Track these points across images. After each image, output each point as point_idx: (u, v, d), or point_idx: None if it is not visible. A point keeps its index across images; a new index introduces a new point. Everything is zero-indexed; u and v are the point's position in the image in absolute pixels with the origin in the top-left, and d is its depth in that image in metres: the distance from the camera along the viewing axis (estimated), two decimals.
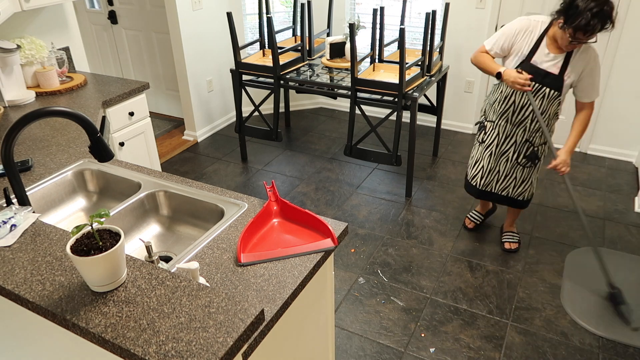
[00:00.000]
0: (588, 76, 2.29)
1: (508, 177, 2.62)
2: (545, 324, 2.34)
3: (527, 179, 2.61)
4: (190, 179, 1.74)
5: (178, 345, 0.99)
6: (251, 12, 4.36)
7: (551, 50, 2.27)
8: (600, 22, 2.02)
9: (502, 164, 2.59)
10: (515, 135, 2.51)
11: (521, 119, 2.44)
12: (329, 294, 1.57)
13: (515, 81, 2.28)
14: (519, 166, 2.58)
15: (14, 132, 1.36)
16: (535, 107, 2.34)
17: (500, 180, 2.64)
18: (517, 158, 2.56)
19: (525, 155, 2.54)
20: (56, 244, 1.31)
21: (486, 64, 2.41)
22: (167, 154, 4.02)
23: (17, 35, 2.61)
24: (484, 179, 2.67)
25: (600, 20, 2.02)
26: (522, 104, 2.40)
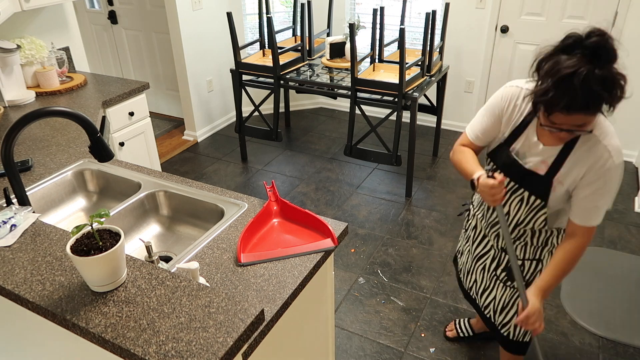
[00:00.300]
0: (589, 187, 1.42)
1: (487, 293, 1.80)
2: (545, 324, 2.34)
3: (511, 306, 1.72)
4: (190, 179, 1.74)
5: (178, 345, 0.99)
6: (251, 12, 4.36)
7: (542, 138, 1.46)
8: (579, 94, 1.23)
9: (478, 272, 1.82)
10: (490, 238, 1.73)
11: (490, 229, 1.71)
12: (329, 294, 1.57)
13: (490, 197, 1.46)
14: (499, 281, 1.74)
15: (14, 132, 1.36)
16: (502, 217, 1.54)
17: (480, 293, 1.84)
18: (496, 269, 1.73)
19: (505, 268, 1.71)
20: (56, 244, 1.31)
21: (462, 164, 1.61)
22: (167, 154, 4.02)
23: (17, 35, 2.61)
24: (466, 280, 1.93)
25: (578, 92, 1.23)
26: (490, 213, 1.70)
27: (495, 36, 3.86)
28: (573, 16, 3.56)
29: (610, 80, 1.25)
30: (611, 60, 1.25)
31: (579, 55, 1.24)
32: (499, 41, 3.87)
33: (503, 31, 3.81)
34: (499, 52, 3.91)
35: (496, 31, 3.84)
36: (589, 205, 1.43)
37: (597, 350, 2.20)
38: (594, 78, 1.22)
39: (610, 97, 1.28)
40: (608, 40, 1.24)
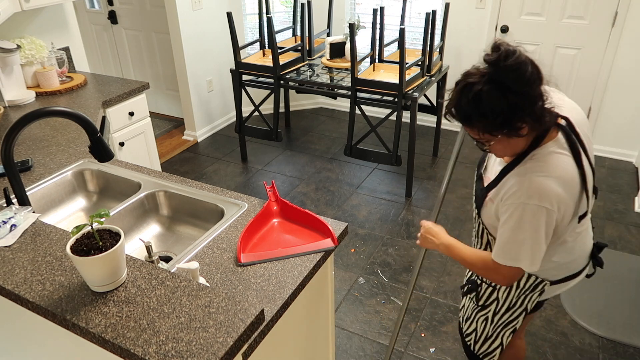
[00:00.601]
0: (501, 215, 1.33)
1: (462, 303, 1.81)
2: (545, 324, 2.34)
3: (472, 319, 1.68)
4: (190, 179, 1.74)
5: (178, 345, 0.99)
6: (251, 12, 4.36)
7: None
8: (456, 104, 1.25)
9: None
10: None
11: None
12: (329, 294, 1.57)
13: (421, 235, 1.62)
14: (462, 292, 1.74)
15: (14, 132, 1.36)
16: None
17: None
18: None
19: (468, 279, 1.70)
20: (56, 244, 1.31)
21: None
22: (167, 154, 4.02)
23: (17, 35, 2.61)
24: None
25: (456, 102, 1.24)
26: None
27: (495, 36, 3.86)
28: (573, 16, 3.56)
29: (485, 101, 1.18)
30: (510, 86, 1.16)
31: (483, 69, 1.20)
32: None
33: (503, 31, 3.80)
34: None
35: (496, 31, 3.84)
36: (499, 237, 1.34)
37: (597, 350, 2.20)
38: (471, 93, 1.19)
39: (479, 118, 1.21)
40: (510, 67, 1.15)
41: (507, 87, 1.16)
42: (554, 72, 4.01)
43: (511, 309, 1.56)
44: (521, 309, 1.55)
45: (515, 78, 1.15)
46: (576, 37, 3.61)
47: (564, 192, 1.24)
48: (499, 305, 1.57)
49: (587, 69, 3.67)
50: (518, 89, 1.16)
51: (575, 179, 1.27)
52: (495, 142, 1.27)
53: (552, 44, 3.70)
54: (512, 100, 1.16)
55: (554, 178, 1.23)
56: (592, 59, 3.63)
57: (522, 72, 1.15)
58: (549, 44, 3.72)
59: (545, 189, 1.23)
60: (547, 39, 3.70)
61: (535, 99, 1.18)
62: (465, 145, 4.08)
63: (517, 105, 1.17)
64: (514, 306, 1.55)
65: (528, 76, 1.16)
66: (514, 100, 1.16)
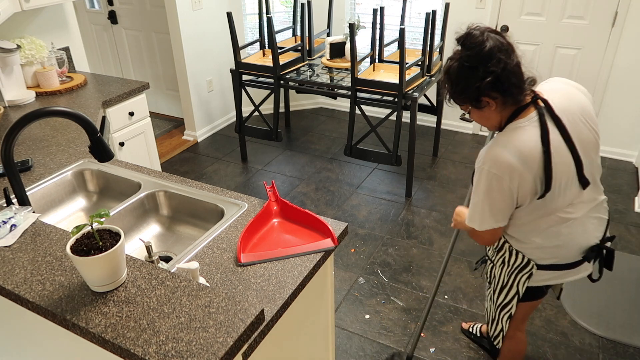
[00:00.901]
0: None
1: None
2: (545, 324, 2.34)
3: (497, 321, 1.76)
4: (190, 179, 1.74)
5: (178, 345, 0.99)
6: (251, 12, 4.36)
7: None
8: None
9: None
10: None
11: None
12: (329, 294, 1.57)
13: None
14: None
15: (14, 132, 1.36)
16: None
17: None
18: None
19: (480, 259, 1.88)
20: (56, 244, 1.31)
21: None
22: (167, 154, 4.02)
23: (17, 35, 2.61)
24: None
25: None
26: None
27: None
28: (573, 16, 3.56)
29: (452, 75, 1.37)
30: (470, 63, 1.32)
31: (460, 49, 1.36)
32: None
33: (503, 31, 3.80)
34: None
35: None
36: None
37: (597, 350, 2.20)
38: (445, 68, 1.39)
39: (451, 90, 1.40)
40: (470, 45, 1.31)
41: (469, 64, 1.32)
42: (554, 72, 4.02)
43: (504, 289, 1.64)
44: (513, 292, 1.61)
45: (474, 55, 1.30)
46: (576, 37, 3.61)
47: (519, 163, 1.33)
48: (496, 283, 1.68)
49: (587, 69, 3.67)
50: (476, 65, 1.30)
51: (534, 154, 1.34)
52: (472, 113, 1.43)
53: (552, 44, 3.70)
54: (472, 74, 1.32)
55: (509, 149, 1.34)
56: (592, 59, 3.63)
57: (479, 50, 1.29)
58: (549, 44, 3.72)
59: (498, 158, 1.35)
60: (547, 39, 3.70)
61: (497, 75, 1.30)
62: (464, 145, 4.09)
63: (477, 79, 1.31)
64: (506, 285, 1.63)
65: (485, 53, 1.29)
66: (474, 74, 1.31)
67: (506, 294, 1.65)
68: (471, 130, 4.28)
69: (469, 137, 4.22)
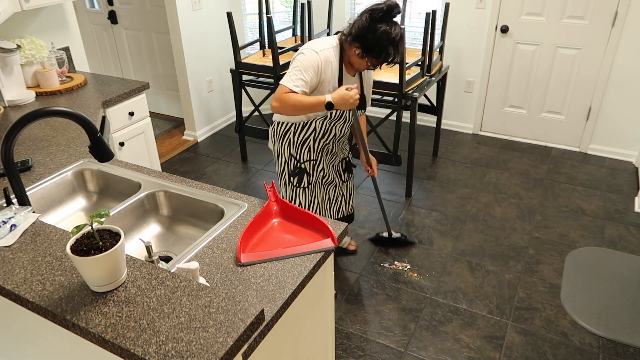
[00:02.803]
0: (369, 88, 2.32)
1: (338, 198, 2.54)
2: (545, 324, 2.34)
3: (352, 189, 2.60)
4: (190, 179, 1.74)
5: (178, 345, 0.99)
6: (251, 12, 4.36)
7: (350, 73, 2.17)
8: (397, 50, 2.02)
9: (330, 191, 2.49)
10: (335, 160, 2.43)
11: (340, 145, 2.41)
12: (329, 294, 1.57)
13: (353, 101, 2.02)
14: (344, 183, 2.53)
15: (14, 132, 1.36)
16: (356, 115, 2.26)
17: (333, 205, 2.54)
18: (341, 178, 2.50)
19: (344, 170, 2.50)
20: (56, 244, 1.31)
21: (306, 100, 2.02)
22: (167, 154, 4.02)
23: (17, 35, 2.61)
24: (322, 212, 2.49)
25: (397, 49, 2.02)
26: (342, 133, 2.32)
27: (495, 36, 3.86)
28: (573, 16, 3.56)
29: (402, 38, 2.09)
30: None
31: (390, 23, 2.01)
32: (499, 41, 3.87)
33: (503, 31, 3.81)
34: (499, 52, 3.91)
35: (496, 31, 3.84)
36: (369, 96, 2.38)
37: (597, 350, 2.20)
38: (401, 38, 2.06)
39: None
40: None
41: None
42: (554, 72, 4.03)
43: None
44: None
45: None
46: (576, 37, 3.61)
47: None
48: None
49: (587, 69, 3.67)
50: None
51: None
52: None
53: (552, 44, 3.70)
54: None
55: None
56: (592, 59, 3.63)
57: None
58: (549, 44, 3.72)
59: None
60: (547, 39, 3.70)
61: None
62: (465, 145, 4.09)
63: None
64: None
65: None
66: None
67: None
68: (471, 130, 4.29)
69: (469, 137, 4.22)
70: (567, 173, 3.64)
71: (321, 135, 2.26)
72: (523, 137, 4.14)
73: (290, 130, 2.25)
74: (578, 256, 2.76)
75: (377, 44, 1.99)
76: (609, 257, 2.75)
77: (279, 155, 2.34)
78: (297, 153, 2.30)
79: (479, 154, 3.93)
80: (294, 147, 2.28)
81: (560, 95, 3.84)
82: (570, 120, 3.90)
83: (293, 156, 2.31)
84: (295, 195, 2.40)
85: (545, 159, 3.85)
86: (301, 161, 2.32)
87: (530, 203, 3.28)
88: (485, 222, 3.09)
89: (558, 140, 4.02)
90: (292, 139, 2.26)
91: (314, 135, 2.25)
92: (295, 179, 2.35)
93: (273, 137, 2.34)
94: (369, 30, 1.98)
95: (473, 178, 3.59)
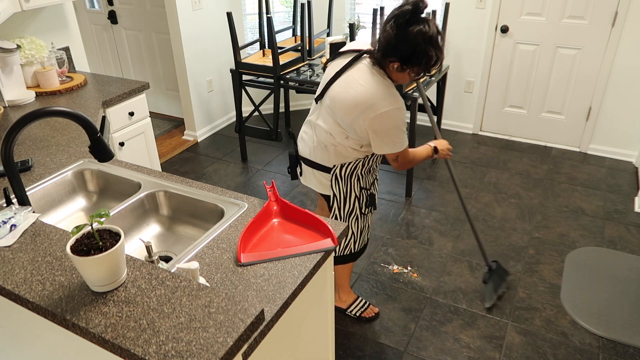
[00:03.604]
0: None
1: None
2: (545, 324, 2.34)
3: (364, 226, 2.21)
4: (190, 179, 1.74)
5: (178, 345, 0.99)
6: (251, 12, 4.36)
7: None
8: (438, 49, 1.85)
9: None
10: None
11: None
12: (329, 294, 1.57)
13: (448, 149, 2.16)
14: (363, 216, 2.18)
15: (14, 132, 1.36)
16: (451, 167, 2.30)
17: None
18: (361, 209, 2.16)
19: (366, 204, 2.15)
20: (56, 244, 1.31)
21: (420, 154, 2.06)
22: (167, 154, 4.02)
23: (17, 35, 2.61)
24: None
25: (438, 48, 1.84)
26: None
27: (495, 36, 3.86)
28: (573, 16, 3.56)
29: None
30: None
31: (421, 22, 1.76)
32: (499, 41, 3.87)
33: (503, 31, 3.81)
34: (499, 52, 3.91)
35: (496, 31, 3.84)
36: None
37: (597, 350, 2.20)
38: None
39: None
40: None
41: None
42: (554, 72, 4.02)
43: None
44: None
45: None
46: (576, 37, 3.61)
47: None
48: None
49: (587, 69, 3.67)
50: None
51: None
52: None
53: (552, 44, 3.70)
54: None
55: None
56: (592, 59, 3.63)
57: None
58: (549, 44, 3.72)
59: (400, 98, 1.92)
60: (547, 39, 3.70)
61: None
62: (464, 145, 4.09)
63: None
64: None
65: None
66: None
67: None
68: (471, 130, 4.29)
69: (469, 137, 4.22)
70: (567, 173, 3.64)
71: (370, 168, 2.12)
72: (523, 137, 4.14)
73: (357, 166, 2.04)
74: (578, 256, 2.76)
75: (415, 50, 1.74)
76: (609, 257, 2.75)
77: (347, 195, 2.09)
78: (366, 183, 2.11)
79: (479, 154, 3.93)
80: (363, 180, 2.09)
81: (560, 95, 3.84)
82: (570, 120, 3.90)
83: (364, 188, 2.11)
84: (367, 222, 2.21)
85: (545, 159, 3.85)
86: (371, 189, 2.15)
87: (530, 203, 3.28)
88: (485, 222, 3.09)
89: (558, 140, 4.02)
90: (359, 173, 2.06)
91: (376, 157, 2.09)
92: (369, 208, 2.17)
93: (336, 181, 2.05)
94: (400, 39, 1.73)
95: (473, 178, 3.59)
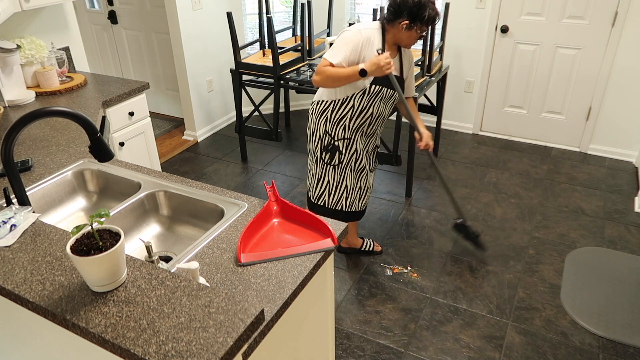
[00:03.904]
0: (411, 73, 2.43)
1: (367, 190, 2.56)
2: (545, 324, 2.34)
3: (372, 183, 2.58)
4: (190, 179, 1.74)
5: (178, 345, 0.99)
6: (251, 12, 4.36)
7: (391, 55, 2.24)
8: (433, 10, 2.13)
9: (362, 180, 2.49)
10: (369, 146, 2.46)
11: (375, 128, 2.40)
12: (329, 294, 1.57)
13: (384, 64, 2.07)
14: (371, 174, 2.55)
15: (14, 132, 1.36)
16: (398, 89, 2.25)
17: (362, 196, 2.54)
18: (370, 166, 2.52)
19: (375, 159, 2.55)
20: (56, 244, 1.31)
21: (342, 71, 2.13)
22: (167, 154, 4.02)
23: (17, 35, 2.61)
24: (357, 199, 2.53)
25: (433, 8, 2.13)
26: (379, 113, 2.33)
27: (495, 36, 3.86)
28: (573, 16, 3.56)
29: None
30: None
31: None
32: (499, 41, 3.87)
33: (503, 31, 3.81)
34: (499, 52, 3.91)
35: (496, 31, 3.84)
36: (411, 81, 2.46)
37: (597, 350, 2.20)
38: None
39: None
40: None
41: None
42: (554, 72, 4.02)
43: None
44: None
45: None
46: (576, 37, 3.61)
47: None
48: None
49: (587, 69, 3.67)
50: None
51: None
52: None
53: (552, 44, 3.70)
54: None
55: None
56: (592, 59, 3.63)
57: None
58: (549, 44, 3.72)
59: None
60: (547, 39, 3.70)
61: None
62: (465, 145, 4.09)
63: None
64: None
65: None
66: None
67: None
68: (471, 130, 4.29)
69: (469, 137, 4.22)
70: (567, 173, 3.64)
71: (358, 113, 2.29)
72: (523, 137, 4.14)
73: (328, 108, 2.30)
74: (578, 256, 2.76)
75: (420, 6, 2.08)
76: (609, 257, 2.75)
77: (314, 132, 2.38)
78: (333, 130, 2.34)
79: (479, 154, 3.93)
80: (329, 124, 2.33)
81: (560, 95, 3.84)
82: (570, 120, 3.90)
83: (328, 133, 2.35)
84: (324, 172, 2.44)
85: (545, 159, 3.85)
86: (335, 139, 2.35)
87: (530, 203, 3.28)
88: (485, 222, 3.09)
89: (558, 140, 4.02)
90: (329, 116, 2.31)
91: (351, 112, 2.28)
92: (327, 155, 2.39)
93: (311, 116, 2.39)
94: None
95: (473, 178, 3.59)
